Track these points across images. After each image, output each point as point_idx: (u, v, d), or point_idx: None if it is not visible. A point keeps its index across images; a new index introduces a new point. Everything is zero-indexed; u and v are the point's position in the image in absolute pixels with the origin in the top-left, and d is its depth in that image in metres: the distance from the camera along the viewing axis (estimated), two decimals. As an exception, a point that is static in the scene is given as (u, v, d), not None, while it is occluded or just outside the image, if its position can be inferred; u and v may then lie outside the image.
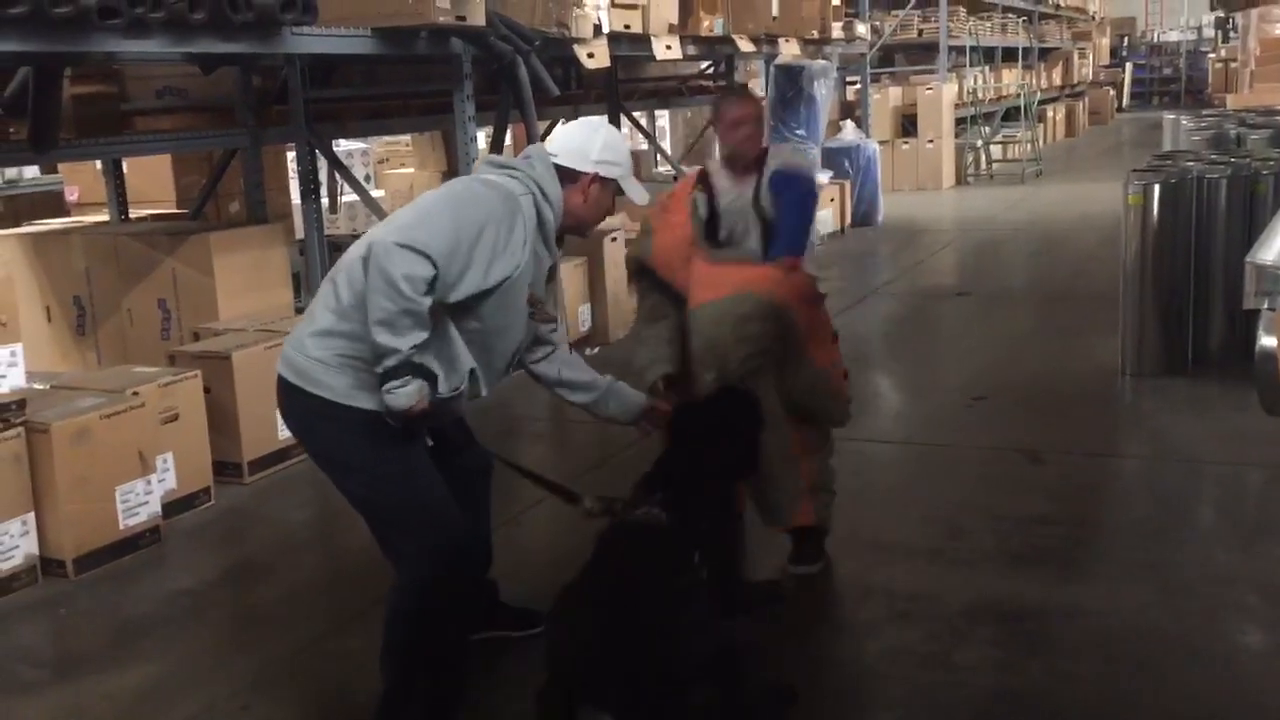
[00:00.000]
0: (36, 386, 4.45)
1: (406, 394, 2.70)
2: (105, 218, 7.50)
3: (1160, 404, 5.66)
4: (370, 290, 2.69)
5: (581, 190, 3.06)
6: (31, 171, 9.88)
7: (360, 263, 2.80)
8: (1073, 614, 3.55)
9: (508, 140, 7.19)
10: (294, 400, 2.89)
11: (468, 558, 3.04)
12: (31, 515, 4.11)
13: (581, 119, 3.22)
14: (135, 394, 4.44)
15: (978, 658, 3.32)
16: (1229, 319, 5.94)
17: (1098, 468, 4.87)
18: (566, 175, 3.04)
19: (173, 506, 4.61)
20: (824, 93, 11.61)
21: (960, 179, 15.65)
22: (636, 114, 10.55)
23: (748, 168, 3.94)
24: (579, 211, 3.09)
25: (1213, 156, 6.60)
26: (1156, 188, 5.84)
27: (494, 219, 2.83)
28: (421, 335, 2.71)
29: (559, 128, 3.17)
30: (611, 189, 3.13)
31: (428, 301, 2.70)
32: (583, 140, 3.08)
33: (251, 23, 4.79)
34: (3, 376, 4.08)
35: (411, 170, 10.96)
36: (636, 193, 3.17)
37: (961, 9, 16.95)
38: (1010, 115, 17.39)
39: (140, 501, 4.37)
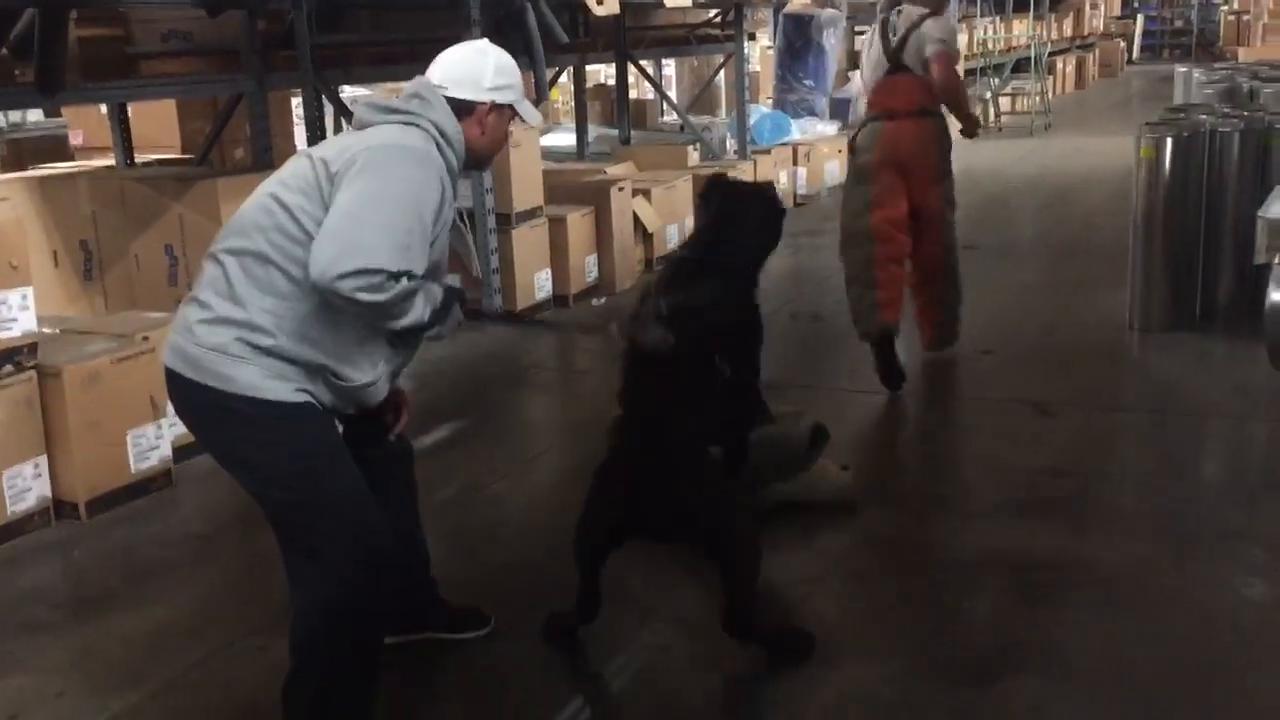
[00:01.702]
0: (46, 331, 4.46)
1: (450, 326, 2.71)
2: (110, 162, 7.46)
3: (1168, 358, 5.67)
4: (353, 314, 2.55)
5: (479, 122, 2.82)
6: (35, 115, 9.83)
7: (255, 259, 2.57)
8: (1080, 566, 3.58)
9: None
10: (188, 394, 2.61)
11: (389, 563, 2.72)
12: (44, 458, 4.13)
13: (462, 44, 2.93)
14: (145, 339, 4.45)
15: (985, 607, 3.36)
16: (1238, 274, 5.92)
17: (1105, 421, 4.88)
18: (461, 108, 2.79)
19: (184, 451, 4.61)
20: (833, 42, 11.52)
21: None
22: (643, 62, 10.46)
23: None
24: (478, 145, 2.85)
25: (1225, 110, 6.55)
26: (1169, 141, 5.80)
27: (421, 191, 2.62)
28: (422, 296, 2.59)
29: (440, 56, 2.86)
30: (508, 114, 2.88)
31: (403, 282, 2.53)
32: (472, 68, 2.82)
33: (260, -35, 4.74)
34: (14, 320, 4.07)
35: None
36: (530, 114, 2.95)
37: (973, -42, 16.76)
38: (1020, 67, 17.23)
39: (151, 445, 4.39)
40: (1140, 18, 31.62)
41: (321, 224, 2.55)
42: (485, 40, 3.02)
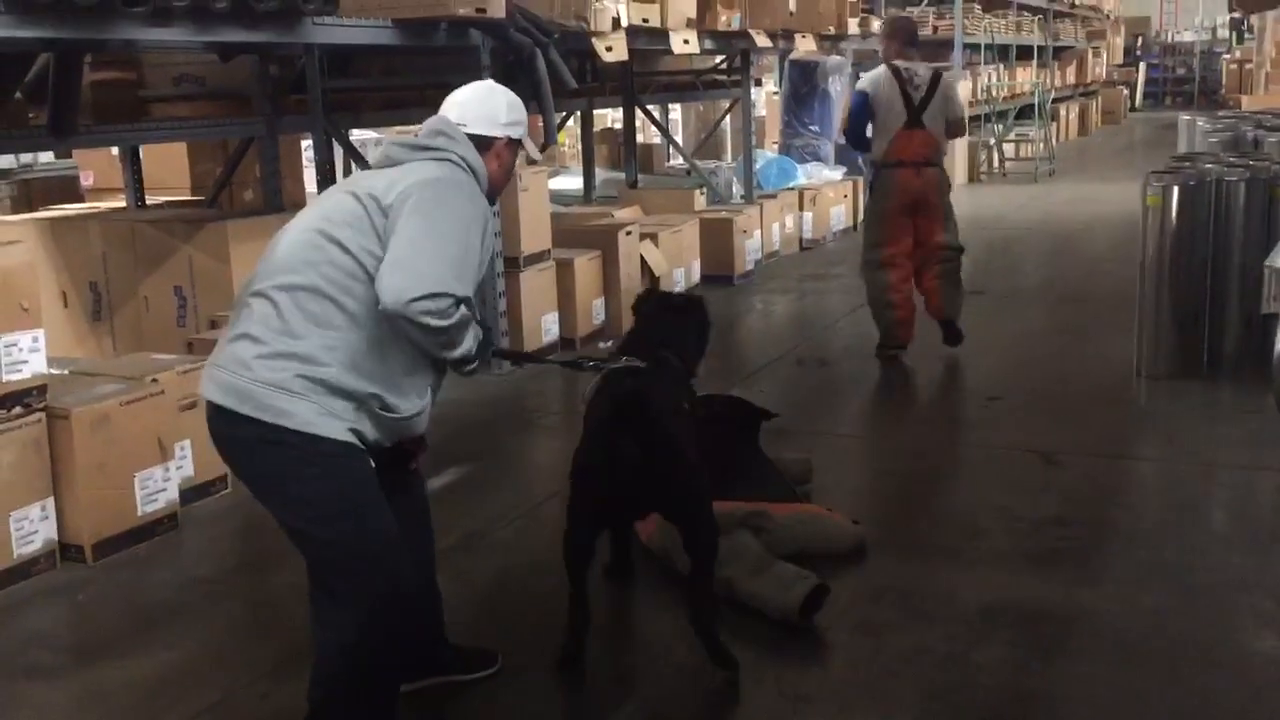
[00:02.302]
0: (55, 372, 4.46)
1: (480, 366, 2.87)
2: (120, 203, 7.51)
3: (1175, 407, 5.66)
4: (416, 341, 2.66)
5: (496, 156, 2.96)
6: (46, 156, 9.88)
7: (309, 293, 2.64)
8: (1089, 616, 3.56)
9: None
10: (235, 428, 2.65)
11: (409, 604, 2.80)
12: (51, 501, 4.13)
13: (470, 84, 3.07)
14: (155, 381, 4.45)
15: (995, 658, 3.33)
16: (1245, 322, 5.92)
17: (1113, 470, 4.87)
18: (480, 143, 2.92)
19: (190, 494, 4.62)
20: (839, 89, 11.60)
21: (973, 177, 15.62)
22: (651, 107, 10.55)
23: None
24: (494, 178, 2.98)
25: (1231, 159, 6.58)
26: (1175, 189, 5.82)
27: (472, 220, 2.75)
28: (473, 329, 2.74)
29: (453, 96, 3.01)
30: (516, 149, 3.02)
31: (461, 311, 2.67)
32: (488, 105, 2.97)
33: (274, 12, 4.80)
34: (24, 362, 4.07)
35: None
36: (532, 148, 3.10)
37: (977, 6, 16.92)
38: (1024, 113, 17.35)
39: (159, 488, 4.38)
40: (1143, 65, 31.90)
41: (374, 254, 2.66)
42: (490, 80, 3.14)
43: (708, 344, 3.89)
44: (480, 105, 2.97)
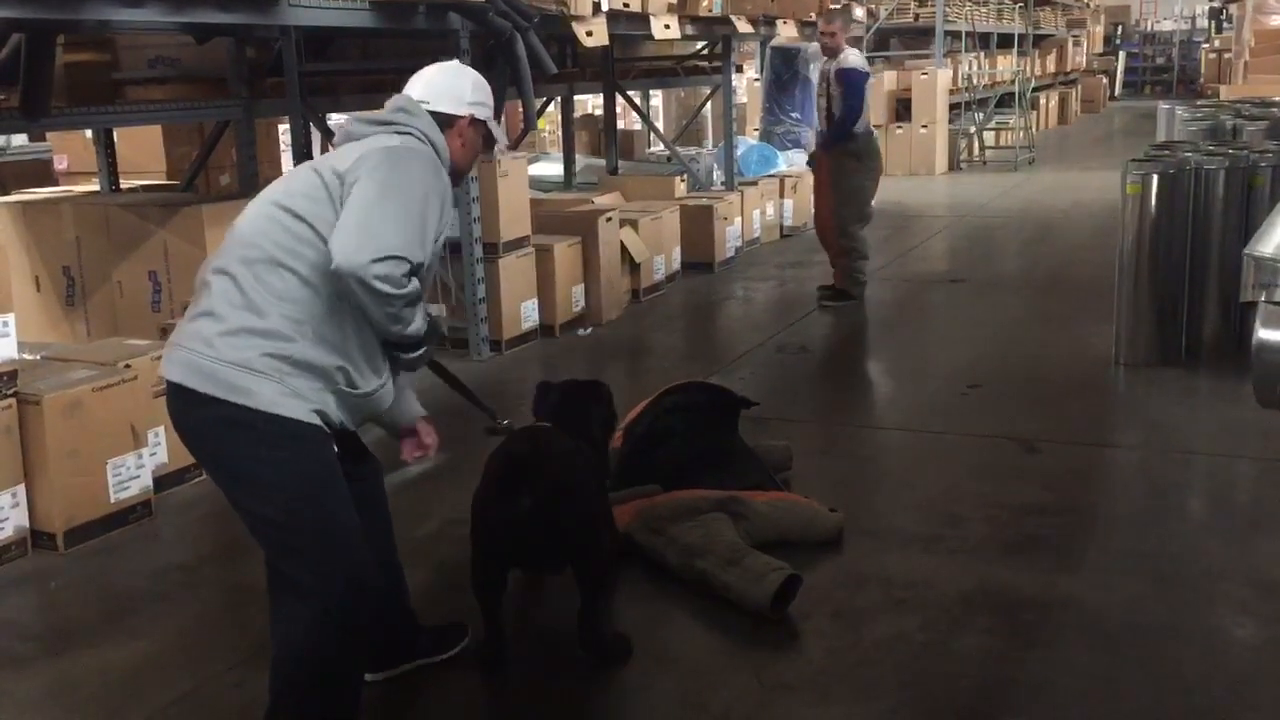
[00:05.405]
0: (27, 357, 4.41)
1: (427, 354, 2.83)
2: (94, 187, 7.44)
3: (1154, 394, 5.67)
4: (364, 308, 2.58)
5: (459, 134, 2.93)
6: (20, 139, 9.79)
7: (266, 265, 2.60)
8: (1068, 604, 3.56)
9: (502, 119, 7.16)
10: (197, 409, 2.58)
11: (371, 599, 2.72)
12: (22, 487, 4.08)
13: (437, 64, 3.05)
14: (128, 366, 4.40)
15: (974, 646, 3.33)
16: (1223, 310, 5.94)
17: (1092, 457, 4.87)
18: (443, 121, 2.89)
19: (164, 480, 4.58)
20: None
21: (953, 165, 15.63)
22: (631, 93, 10.50)
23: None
24: (457, 157, 2.94)
25: (1210, 147, 6.59)
26: (1155, 178, 5.82)
27: (430, 189, 2.71)
28: (422, 308, 2.71)
29: (418, 75, 2.98)
30: (481, 131, 2.98)
31: (414, 283, 2.62)
32: (453, 83, 2.95)
33: (250, -7, 4.74)
34: (-6, 347, 4.03)
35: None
36: (500, 134, 3.08)
37: (958, -6, 16.91)
38: (1004, 101, 17.37)
39: (132, 475, 4.33)
40: (1122, 54, 32.00)
41: (330, 222, 2.61)
42: (457, 61, 3.11)
43: (614, 429, 3.87)
44: (444, 83, 2.95)
